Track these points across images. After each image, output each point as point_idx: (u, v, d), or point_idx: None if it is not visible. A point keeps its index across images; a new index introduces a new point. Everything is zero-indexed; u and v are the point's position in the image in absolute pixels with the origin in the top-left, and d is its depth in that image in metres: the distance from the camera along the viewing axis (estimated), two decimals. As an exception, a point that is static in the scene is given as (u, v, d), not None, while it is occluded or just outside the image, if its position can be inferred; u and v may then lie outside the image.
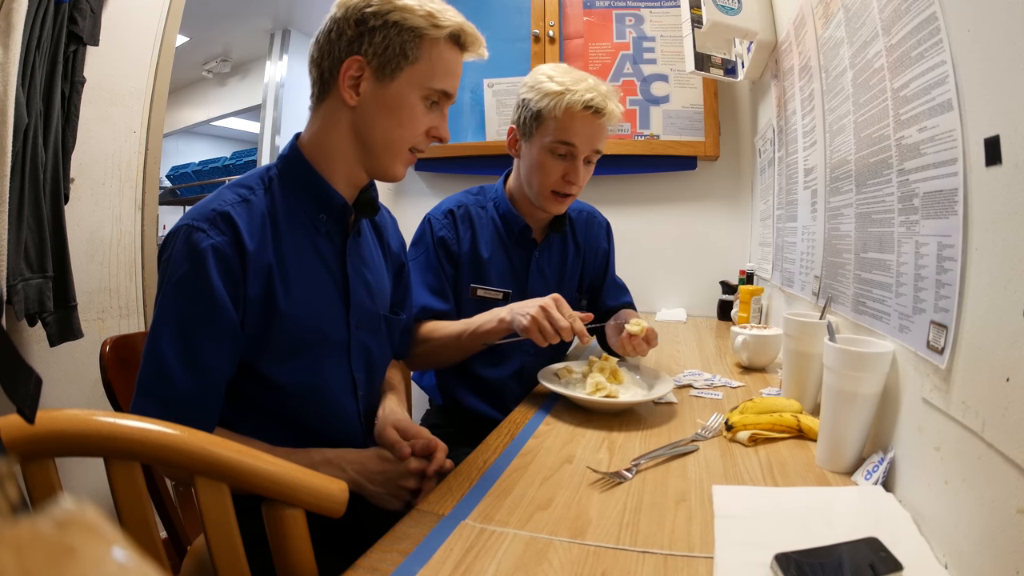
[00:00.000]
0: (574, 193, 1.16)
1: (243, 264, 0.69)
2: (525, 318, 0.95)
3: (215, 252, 0.68)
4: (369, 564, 0.53)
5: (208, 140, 6.21)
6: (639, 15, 2.07)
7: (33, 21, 1.16)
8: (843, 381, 0.70)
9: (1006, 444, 0.45)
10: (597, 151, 1.15)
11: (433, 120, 0.78)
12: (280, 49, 4.32)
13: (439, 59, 0.75)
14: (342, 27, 0.73)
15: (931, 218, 0.61)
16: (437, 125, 0.79)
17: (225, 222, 0.69)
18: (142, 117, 1.56)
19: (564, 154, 1.12)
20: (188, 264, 0.67)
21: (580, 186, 1.16)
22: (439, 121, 0.79)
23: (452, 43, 0.76)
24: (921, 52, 0.63)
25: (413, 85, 0.74)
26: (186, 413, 0.66)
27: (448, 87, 0.77)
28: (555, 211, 1.20)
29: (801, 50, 1.23)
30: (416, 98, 0.75)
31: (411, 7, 0.72)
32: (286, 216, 0.75)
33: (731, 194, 2.09)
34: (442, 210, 1.22)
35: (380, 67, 0.73)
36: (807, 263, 1.18)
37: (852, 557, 0.50)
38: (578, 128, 1.10)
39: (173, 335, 0.67)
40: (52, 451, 0.51)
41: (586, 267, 1.35)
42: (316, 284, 0.77)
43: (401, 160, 0.79)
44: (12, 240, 1.14)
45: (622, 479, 0.69)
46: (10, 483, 0.17)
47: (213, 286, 0.67)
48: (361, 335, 0.83)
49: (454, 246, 1.19)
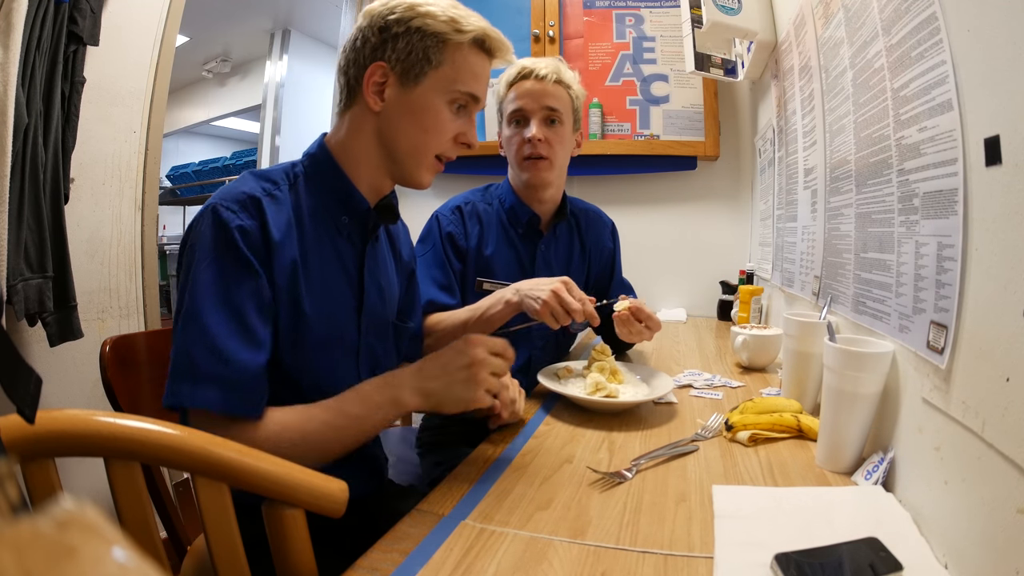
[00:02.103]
0: (544, 153, 1.17)
1: (269, 252, 0.68)
2: (537, 302, 0.95)
3: (243, 232, 0.66)
4: (369, 564, 0.53)
5: (208, 140, 6.21)
6: (639, 15, 2.07)
7: (33, 21, 1.16)
8: (843, 381, 0.70)
9: (1006, 444, 0.45)
10: (550, 108, 1.17)
11: (460, 126, 0.77)
12: (280, 49, 4.32)
13: (464, 63, 0.75)
14: (367, 35, 0.74)
15: (931, 218, 0.61)
16: (465, 131, 0.78)
17: (255, 207, 0.69)
18: (142, 117, 1.56)
19: (519, 120, 1.19)
20: (222, 240, 0.65)
21: (550, 144, 1.18)
22: (467, 127, 0.78)
23: (477, 48, 0.76)
24: (921, 52, 0.63)
25: (438, 90, 0.74)
26: (248, 394, 0.63)
27: (474, 90, 0.77)
28: (538, 181, 1.20)
29: (801, 50, 1.23)
30: (441, 103, 0.75)
31: (433, 13, 0.72)
32: (310, 214, 0.75)
33: (731, 194, 2.09)
34: (450, 207, 1.23)
35: (404, 72, 0.73)
36: (807, 263, 1.18)
37: (852, 557, 0.50)
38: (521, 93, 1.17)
39: (222, 313, 0.63)
40: (52, 451, 0.50)
41: (591, 266, 1.36)
42: (334, 285, 0.77)
43: (427, 167, 0.78)
44: (12, 240, 1.14)
45: (622, 479, 0.69)
46: (10, 483, 0.17)
47: (249, 260, 0.66)
48: (370, 339, 0.83)
49: (462, 241, 1.20)
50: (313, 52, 4.44)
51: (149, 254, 1.59)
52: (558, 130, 1.19)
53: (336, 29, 2.51)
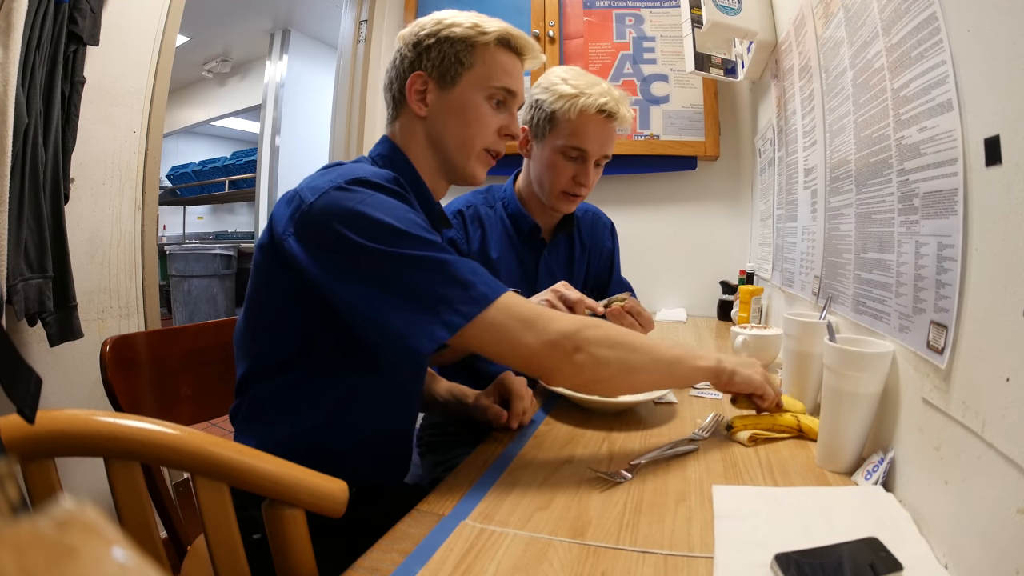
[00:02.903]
0: (583, 194, 1.18)
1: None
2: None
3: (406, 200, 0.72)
4: (369, 564, 0.53)
5: (208, 140, 6.21)
6: (639, 15, 2.07)
7: (33, 21, 1.16)
8: (843, 381, 0.70)
9: (1006, 444, 0.45)
10: (606, 156, 1.17)
11: (502, 120, 0.83)
12: (280, 49, 4.32)
13: (493, 61, 0.82)
14: (403, 53, 0.82)
15: (931, 218, 0.61)
16: (507, 124, 0.84)
17: (400, 187, 0.73)
18: (142, 117, 1.56)
19: (575, 156, 1.14)
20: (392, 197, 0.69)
21: (589, 188, 1.18)
22: (508, 120, 0.84)
23: (504, 47, 0.83)
24: (921, 52, 0.63)
25: (475, 87, 0.81)
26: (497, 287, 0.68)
27: (508, 85, 0.83)
28: (565, 210, 1.22)
29: (801, 50, 1.23)
30: (480, 98, 0.81)
31: (458, 22, 0.80)
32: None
33: (731, 194, 2.09)
34: (451, 211, 1.22)
35: (441, 77, 0.80)
36: (807, 263, 1.18)
37: (852, 557, 0.50)
38: (591, 131, 1.12)
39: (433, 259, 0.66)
40: (52, 451, 0.51)
41: (591, 266, 1.36)
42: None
43: (477, 160, 0.84)
44: (12, 240, 1.14)
45: (622, 479, 0.69)
46: (10, 483, 0.17)
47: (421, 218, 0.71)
48: None
49: (464, 246, 1.19)
50: (313, 52, 4.44)
51: (149, 254, 1.59)
52: (600, 170, 1.20)
53: (336, 29, 2.51)
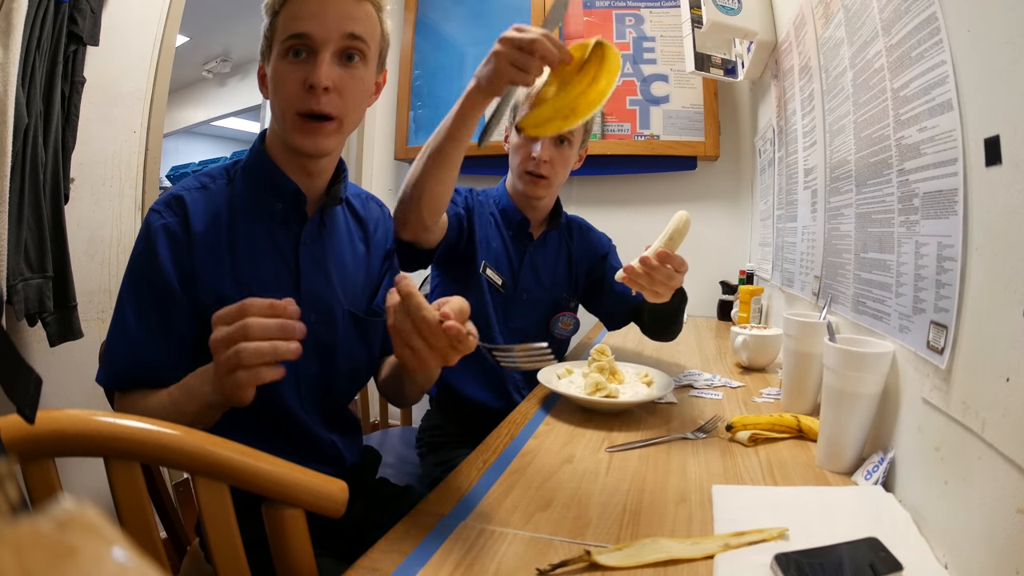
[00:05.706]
0: (543, 172, 1.16)
1: (190, 244, 0.75)
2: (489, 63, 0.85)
3: (165, 231, 0.74)
4: (369, 564, 0.53)
5: (208, 140, 6.20)
6: (639, 15, 2.07)
7: (33, 21, 1.16)
8: (843, 381, 0.70)
9: (1006, 444, 0.45)
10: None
11: (304, 72, 0.74)
12: (280, 49, 4.32)
13: (285, 15, 0.75)
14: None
15: (931, 218, 0.61)
16: (309, 74, 0.73)
17: (178, 204, 0.76)
18: (142, 117, 1.55)
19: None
20: (144, 243, 0.75)
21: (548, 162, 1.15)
22: (309, 71, 0.74)
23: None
24: (921, 52, 0.63)
25: (277, 52, 0.76)
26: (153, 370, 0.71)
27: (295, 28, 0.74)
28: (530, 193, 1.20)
29: (801, 50, 1.23)
30: (280, 61, 0.75)
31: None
32: (244, 204, 0.79)
33: (731, 194, 2.09)
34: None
35: (264, 57, 0.80)
36: (807, 263, 1.18)
37: (852, 557, 0.50)
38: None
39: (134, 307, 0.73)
40: (52, 451, 0.50)
41: (578, 271, 1.33)
42: (266, 269, 0.79)
43: (293, 128, 0.76)
44: (12, 240, 1.14)
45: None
46: (10, 483, 0.17)
47: (161, 263, 0.73)
48: (318, 328, 0.81)
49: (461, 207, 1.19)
50: (313, 52, 4.43)
51: (149, 254, 1.59)
52: (564, 152, 1.18)
53: (336, 29, 2.50)
